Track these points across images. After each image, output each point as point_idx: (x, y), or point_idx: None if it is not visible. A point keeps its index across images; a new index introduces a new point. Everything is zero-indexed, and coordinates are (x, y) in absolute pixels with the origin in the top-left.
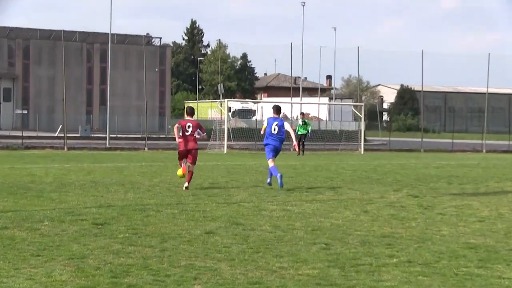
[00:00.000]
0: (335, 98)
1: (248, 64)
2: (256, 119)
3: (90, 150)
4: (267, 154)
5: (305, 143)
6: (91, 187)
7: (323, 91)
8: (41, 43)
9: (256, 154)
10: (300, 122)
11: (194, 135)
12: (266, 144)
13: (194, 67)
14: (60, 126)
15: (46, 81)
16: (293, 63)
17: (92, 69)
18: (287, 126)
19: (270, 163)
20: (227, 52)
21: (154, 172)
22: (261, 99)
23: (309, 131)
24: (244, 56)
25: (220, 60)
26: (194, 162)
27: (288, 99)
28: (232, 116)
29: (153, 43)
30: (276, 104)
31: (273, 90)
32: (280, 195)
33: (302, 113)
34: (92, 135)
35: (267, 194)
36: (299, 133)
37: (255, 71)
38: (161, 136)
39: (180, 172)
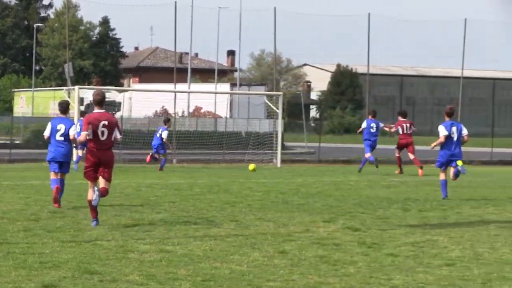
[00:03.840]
0: (241, 85)
1: (111, 34)
2: (121, 116)
3: None
4: None
5: None
6: None
7: (223, 73)
8: None
9: (123, 168)
10: None
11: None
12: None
13: (29, 38)
14: None
15: None
16: (178, 32)
17: None
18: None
19: None
20: (79, 16)
21: None
22: (129, 86)
23: None
24: (105, 22)
25: (69, 28)
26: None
27: (169, 86)
28: (87, 111)
29: None
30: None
31: (148, 72)
32: (157, 229)
33: None
34: None
35: (137, 228)
36: None
37: (121, 44)
38: None
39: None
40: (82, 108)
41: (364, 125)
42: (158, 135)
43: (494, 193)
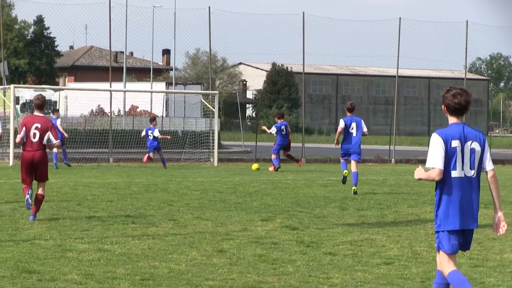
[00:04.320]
0: (176, 84)
1: (46, 33)
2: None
3: None
4: None
5: None
6: None
7: (158, 72)
8: None
9: (60, 166)
10: None
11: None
12: None
13: None
14: None
15: None
16: (113, 31)
17: None
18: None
19: None
20: (13, 15)
21: None
22: (65, 85)
23: None
24: (40, 21)
25: (3, 27)
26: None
27: (105, 85)
28: (22, 111)
29: None
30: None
31: (83, 71)
32: (95, 228)
33: None
34: None
35: (75, 227)
36: None
37: (56, 43)
38: None
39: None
40: (19, 107)
41: (274, 129)
42: (150, 137)
43: (431, 192)
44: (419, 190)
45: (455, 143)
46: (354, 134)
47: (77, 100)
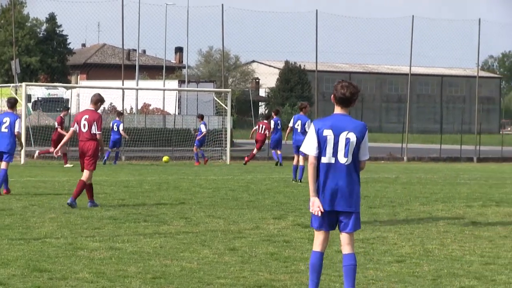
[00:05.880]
0: (189, 82)
1: (58, 31)
2: (70, 113)
3: None
4: None
5: None
6: None
7: (171, 70)
8: None
9: (72, 164)
10: None
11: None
12: None
13: None
14: None
15: None
16: (125, 28)
17: None
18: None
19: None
20: (25, 13)
21: None
22: (77, 83)
23: None
24: (52, 18)
25: (15, 24)
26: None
27: (117, 83)
28: (34, 109)
29: None
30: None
31: (95, 69)
32: (106, 226)
33: None
34: None
35: (86, 226)
36: None
37: (68, 41)
38: None
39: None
40: (31, 105)
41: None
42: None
43: (443, 189)
44: (431, 188)
45: (326, 132)
46: (299, 130)
47: (89, 98)
